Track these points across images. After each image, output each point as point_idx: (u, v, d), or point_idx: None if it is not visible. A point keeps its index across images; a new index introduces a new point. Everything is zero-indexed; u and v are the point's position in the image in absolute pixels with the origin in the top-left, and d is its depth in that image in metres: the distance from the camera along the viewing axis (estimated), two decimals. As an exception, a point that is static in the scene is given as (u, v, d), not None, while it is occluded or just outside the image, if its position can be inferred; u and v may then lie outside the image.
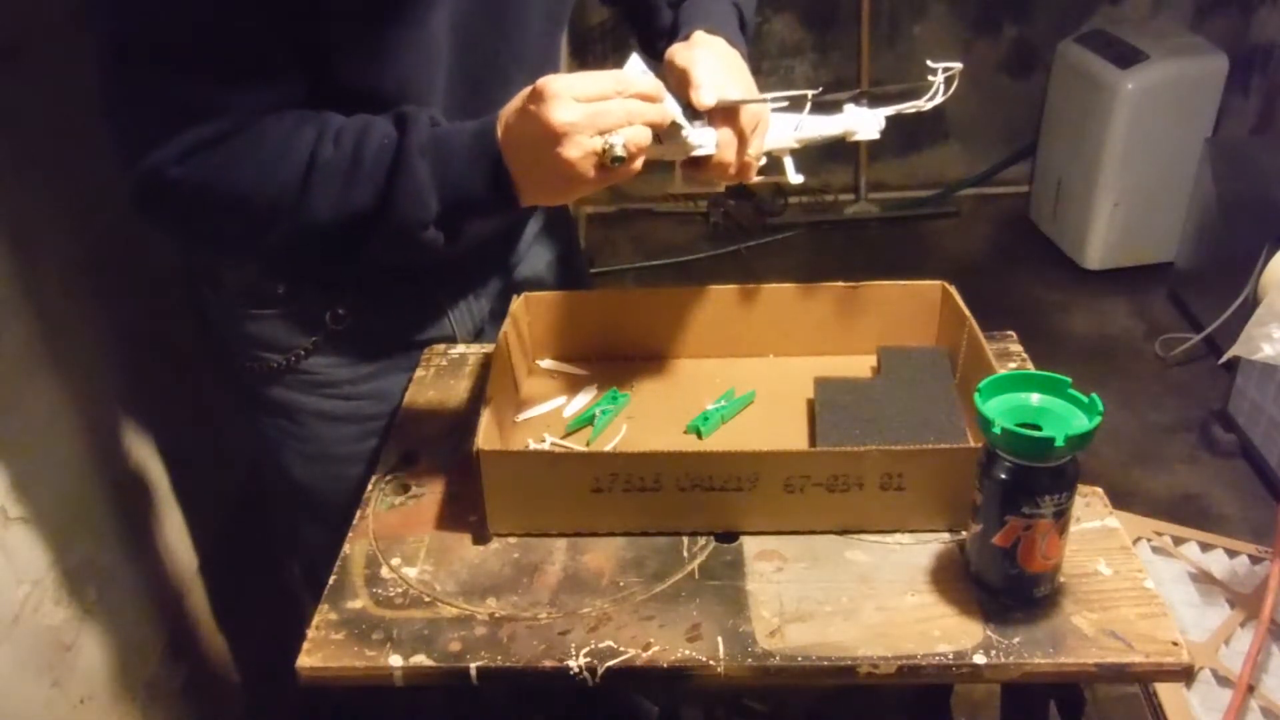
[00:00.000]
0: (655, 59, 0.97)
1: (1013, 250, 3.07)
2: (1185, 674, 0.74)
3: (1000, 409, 0.75)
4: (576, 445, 0.98)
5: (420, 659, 0.76)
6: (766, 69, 3.15)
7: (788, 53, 3.17)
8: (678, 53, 0.89)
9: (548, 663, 0.75)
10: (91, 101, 0.80)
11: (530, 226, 1.15)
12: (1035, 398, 0.77)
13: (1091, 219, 2.78)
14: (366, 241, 0.84)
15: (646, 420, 1.02)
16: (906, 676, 0.74)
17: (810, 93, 0.89)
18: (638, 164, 0.79)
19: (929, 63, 0.92)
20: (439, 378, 1.08)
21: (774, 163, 0.95)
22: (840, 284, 1.06)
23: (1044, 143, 3.03)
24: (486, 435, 0.84)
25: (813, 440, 0.96)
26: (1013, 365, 1.05)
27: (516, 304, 1.05)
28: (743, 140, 0.86)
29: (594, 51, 3.12)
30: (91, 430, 1.22)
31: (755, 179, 0.92)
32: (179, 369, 1.38)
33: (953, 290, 1.03)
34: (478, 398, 1.03)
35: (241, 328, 1.02)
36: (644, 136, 0.78)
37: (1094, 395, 0.73)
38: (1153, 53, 2.59)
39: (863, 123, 0.93)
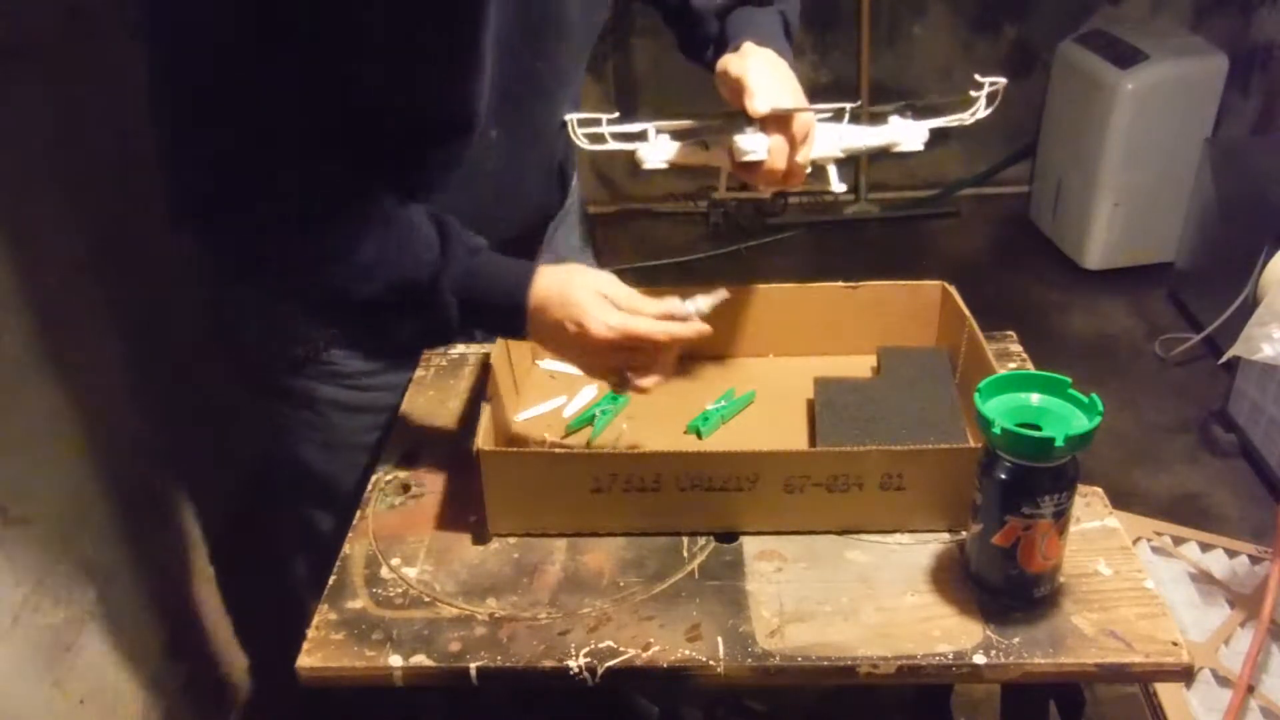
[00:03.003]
0: (696, 63, 1.05)
1: (1013, 250, 3.06)
2: (1185, 674, 0.74)
3: (1000, 409, 0.75)
4: (576, 445, 0.98)
5: (420, 659, 0.76)
6: (766, 69, 3.15)
7: (788, 53, 3.17)
8: (731, 62, 0.93)
9: (548, 663, 0.75)
10: (92, 102, 0.79)
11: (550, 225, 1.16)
12: (1035, 398, 0.77)
13: (1091, 219, 2.78)
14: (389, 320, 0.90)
15: (646, 420, 1.02)
16: (906, 676, 0.74)
17: (850, 105, 0.95)
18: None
19: (976, 77, 0.97)
20: (439, 378, 1.08)
21: (817, 171, 0.99)
22: (840, 284, 1.06)
23: (1044, 143, 3.03)
24: (486, 435, 0.85)
25: (813, 440, 0.96)
26: (1013, 365, 1.05)
27: (517, 304, 1.05)
28: (793, 146, 0.90)
29: (594, 51, 3.11)
30: (91, 430, 1.22)
31: (799, 188, 0.95)
32: (179, 368, 1.38)
33: (953, 290, 1.03)
34: (478, 398, 1.03)
35: (263, 319, 1.02)
36: (662, 375, 0.86)
37: (1094, 395, 0.73)
38: (1153, 53, 2.59)
39: (907, 134, 0.97)
